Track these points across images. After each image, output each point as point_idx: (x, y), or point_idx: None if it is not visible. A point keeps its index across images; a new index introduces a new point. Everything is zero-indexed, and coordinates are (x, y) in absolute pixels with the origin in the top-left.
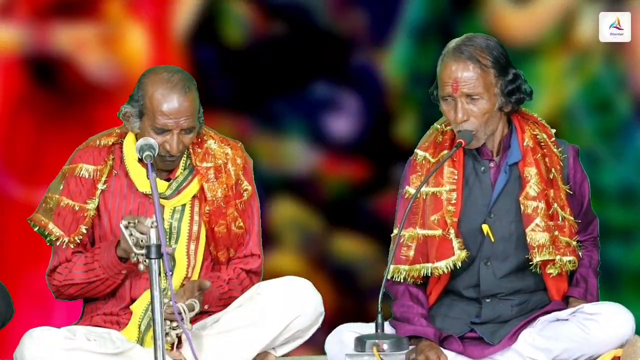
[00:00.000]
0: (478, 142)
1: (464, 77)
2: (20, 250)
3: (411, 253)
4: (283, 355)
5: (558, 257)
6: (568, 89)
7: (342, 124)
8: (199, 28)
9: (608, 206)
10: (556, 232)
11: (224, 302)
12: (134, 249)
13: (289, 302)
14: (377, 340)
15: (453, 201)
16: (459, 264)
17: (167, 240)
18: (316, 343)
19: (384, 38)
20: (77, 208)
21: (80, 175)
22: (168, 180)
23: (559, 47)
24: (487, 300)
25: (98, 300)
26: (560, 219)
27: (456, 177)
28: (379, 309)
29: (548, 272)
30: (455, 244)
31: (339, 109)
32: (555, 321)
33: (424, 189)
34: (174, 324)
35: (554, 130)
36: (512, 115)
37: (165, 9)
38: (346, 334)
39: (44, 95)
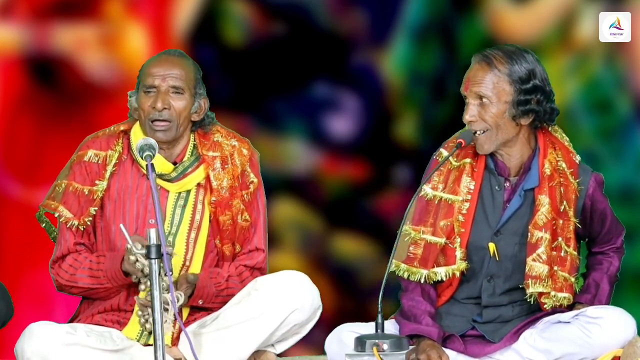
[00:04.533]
0: (488, 146)
1: (476, 76)
2: (20, 250)
3: (419, 251)
4: (282, 354)
5: (553, 292)
6: (568, 89)
7: (342, 124)
8: (199, 28)
9: None
10: (556, 267)
11: (223, 299)
12: (138, 273)
13: (286, 295)
14: (377, 340)
15: (464, 211)
16: (457, 273)
17: (169, 226)
18: (316, 343)
19: (384, 38)
20: (86, 192)
21: (89, 161)
22: (175, 164)
23: (559, 47)
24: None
25: (95, 300)
26: (562, 252)
27: (472, 188)
28: (379, 309)
29: (543, 301)
30: (458, 253)
31: (339, 109)
32: (557, 323)
33: (438, 192)
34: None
35: (578, 158)
36: (539, 135)
37: (165, 9)
38: (346, 333)
39: (44, 95)
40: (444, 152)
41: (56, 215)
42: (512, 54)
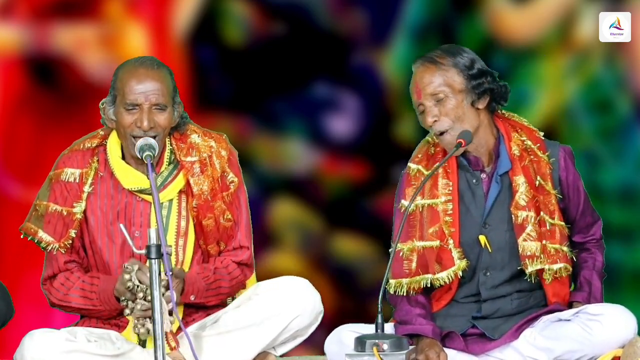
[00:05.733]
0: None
1: (424, 80)
2: (20, 250)
3: (413, 265)
4: (283, 355)
5: (547, 266)
6: (568, 89)
7: (342, 124)
8: (199, 28)
9: (608, 206)
10: (544, 241)
11: (214, 292)
12: (127, 294)
13: (288, 302)
14: (377, 340)
15: (449, 212)
16: (459, 273)
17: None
18: (316, 343)
19: (384, 38)
20: (65, 213)
21: (66, 180)
22: None
23: (559, 47)
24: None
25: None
26: (548, 225)
27: (451, 187)
28: (379, 309)
29: (544, 277)
30: (455, 254)
31: (339, 109)
32: (557, 321)
33: (420, 201)
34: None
35: (542, 133)
36: (498, 122)
37: (165, 9)
38: (346, 333)
39: (44, 95)
40: (412, 166)
41: (35, 241)
42: (450, 49)
